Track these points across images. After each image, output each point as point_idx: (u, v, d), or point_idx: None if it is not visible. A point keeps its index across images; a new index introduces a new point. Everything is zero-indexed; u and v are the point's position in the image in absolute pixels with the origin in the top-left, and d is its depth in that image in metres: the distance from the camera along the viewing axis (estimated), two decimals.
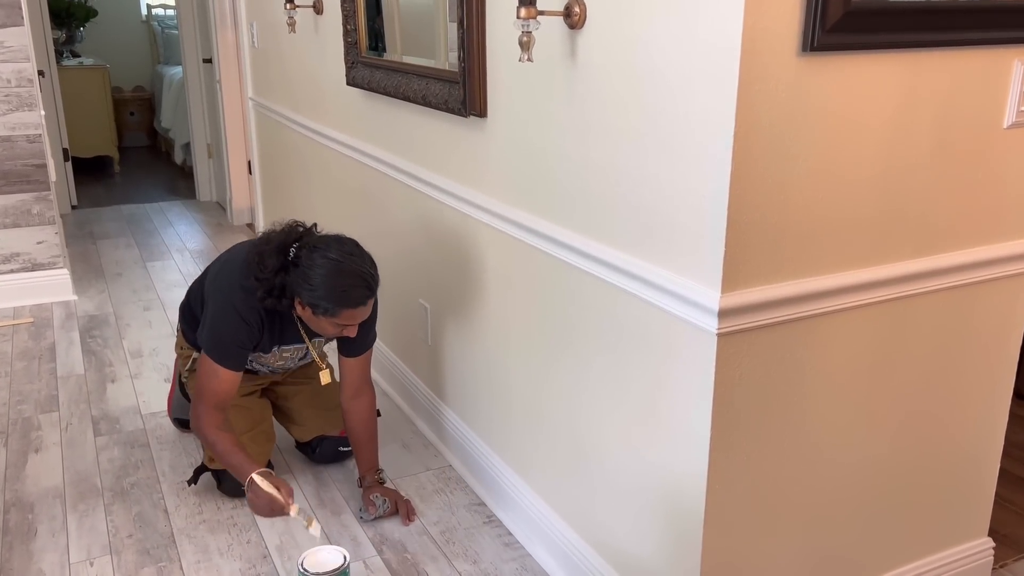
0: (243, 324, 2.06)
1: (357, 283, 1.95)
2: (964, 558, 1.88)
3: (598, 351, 1.74)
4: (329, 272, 1.93)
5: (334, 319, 1.98)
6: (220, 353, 2.07)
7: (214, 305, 2.10)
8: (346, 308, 1.96)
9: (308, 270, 1.94)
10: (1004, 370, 1.78)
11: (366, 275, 1.97)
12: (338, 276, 1.93)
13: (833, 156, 1.41)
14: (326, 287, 1.93)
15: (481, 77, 1.98)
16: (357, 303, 1.96)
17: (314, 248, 1.97)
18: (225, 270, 2.13)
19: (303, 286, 1.95)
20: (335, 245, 1.98)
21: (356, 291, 1.95)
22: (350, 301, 1.95)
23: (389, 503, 2.22)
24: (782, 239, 1.41)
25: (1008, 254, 1.66)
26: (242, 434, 2.27)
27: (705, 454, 1.48)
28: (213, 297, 2.12)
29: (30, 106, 3.62)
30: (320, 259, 1.94)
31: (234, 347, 2.07)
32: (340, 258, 1.95)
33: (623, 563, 1.79)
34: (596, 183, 1.65)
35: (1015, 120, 1.57)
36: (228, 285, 2.08)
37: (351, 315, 1.98)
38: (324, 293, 1.93)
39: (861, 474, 1.67)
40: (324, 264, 1.93)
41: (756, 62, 1.29)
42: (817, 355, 1.52)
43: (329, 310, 1.95)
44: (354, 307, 1.96)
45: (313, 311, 1.97)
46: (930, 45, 1.43)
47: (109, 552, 2.10)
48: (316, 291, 1.93)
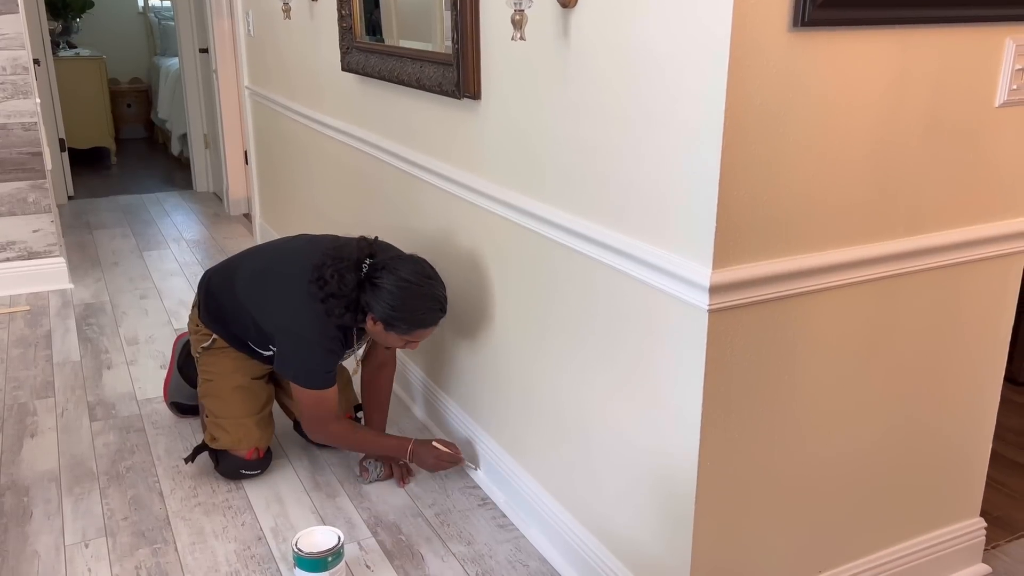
0: (331, 353, 2.12)
1: (434, 307, 2.05)
2: (955, 538, 1.89)
3: (591, 330, 1.74)
4: (407, 294, 2.01)
5: (405, 336, 2.07)
6: (319, 382, 2.12)
7: (296, 342, 2.12)
8: (420, 328, 2.06)
9: (386, 290, 2.01)
10: (995, 349, 1.79)
11: (442, 298, 2.07)
12: (416, 299, 2.02)
13: (824, 133, 1.41)
14: (405, 308, 2.02)
15: (475, 59, 1.98)
16: (430, 324, 2.07)
17: (392, 268, 2.03)
18: (289, 298, 2.12)
19: (380, 305, 2.01)
20: (411, 265, 2.06)
21: (432, 314, 2.05)
22: (424, 322, 2.06)
23: (383, 468, 2.30)
24: (773, 216, 1.41)
25: (999, 233, 1.66)
26: (248, 416, 2.29)
27: (696, 432, 1.49)
28: (290, 334, 2.12)
29: (25, 94, 3.61)
30: (398, 280, 2.01)
31: (326, 374, 2.13)
32: (418, 281, 2.03)
33: (616, 543, 1.79)
34: (589, 162, 1.66)
35: (1007, 98, 1.57)
36: (303, 317, 2.08)
37: (422, 333, 2.09)
38: (402, 315, 2.02)
39: (852, 453, 1.68)
40: (402, 286, 2.01)
41: (747, 37, 1.29)
42: (808, 333, 1.53)
43: (404, 330, 2.05)
44: (426, 328, 2.07)
45: (386, 327, 2.05)
46: (922, 22, 1.43)
47: (104, 534, 2.11)
48: (395, 312, 2.01)
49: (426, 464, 2.22)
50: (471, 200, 2.13)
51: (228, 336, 2.31)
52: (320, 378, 2.12)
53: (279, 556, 2.03)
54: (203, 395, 2.36)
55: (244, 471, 2.31)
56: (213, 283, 2.34)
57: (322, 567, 1.83)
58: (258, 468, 2.33)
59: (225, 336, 2.32)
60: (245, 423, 2.29)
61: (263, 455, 2.33)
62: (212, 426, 2.30)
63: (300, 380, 2.13)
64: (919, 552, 1.84)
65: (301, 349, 2.12)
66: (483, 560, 2.01)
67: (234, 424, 2.28)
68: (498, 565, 1.99)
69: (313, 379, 2.12)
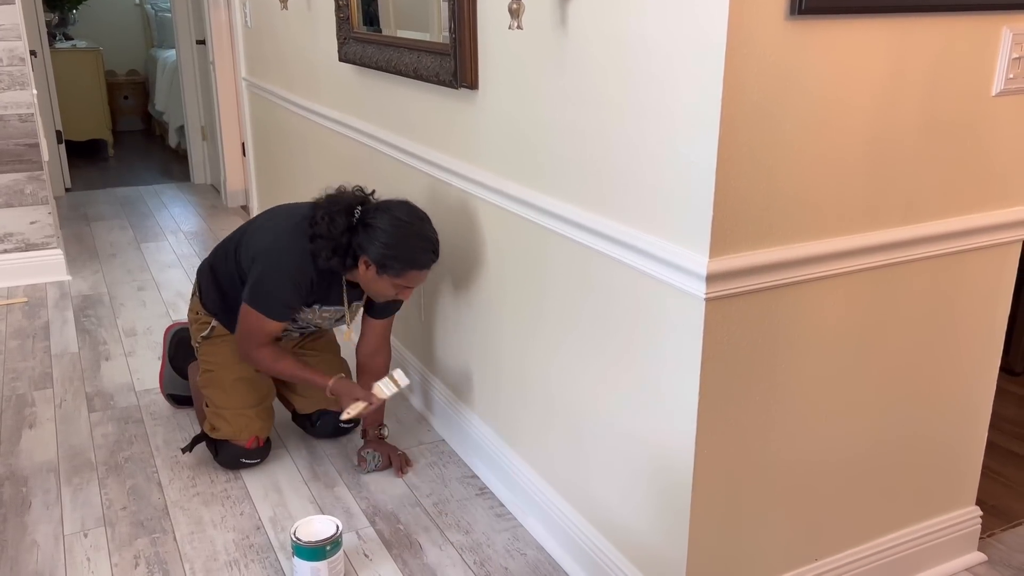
0: (294, 286, 2.11)
1: (427, 247, 2.03)
2: (951, 526, 1.90)
3: (587, 319, 1.75)
4: (401, 233, 2.00)
5: (397, 279, 2.04)
6: (268, 309, 2.12)
7: (266, 266, 2.12)
8: (412, 269, 2.03)
9: (380, 229, 2.00)
10: (991, 338, 1.80)
11: (434, 240, 2.05)
12: (410, 238, 2.01)
13: (821, 121, 1.41)
14: (398, 247, 1.99)
15: (472, 48, 1.97)
16: (423, 266, 2.04)
17: (386, 208, 2.03)
18: (276, 232, 2.15)
19: (374, 244, 2.00)
20: (404, 207, 2.05)
21: (425, 255, 2.03)
22: (418, 263, 2.02)
23: (381, 458, 2.31)
24: (770, 204, 1.42)
25: (995, 222, 1.67)
26: (250, 407, 2.30)
27: (693, 420, 1.49)
28: (265, 258, 2.13)
29: (22, 85, 3.61)
30: (391, 219, 2.00)
31: (281, 305, 2.13)
32: (411, 220, 2.02)
33: (614, 532, 1.80)
34: (587, 152, 1.66)
35: (1003, 87, 1.57)
36: (281, 247, 2.11)
37: (415, 277, 2.05)
38: (396, 253, 1.99)
39: (849, 442, 1.69)
40: (396, 224, 2.00)
41: (743, 25, 1.29)
42: (805, 321, 1.53)
43: (397, 270, 2.01)
44: (420, 269, 2.04)
45: (379, 270, 2.02)
46: (919, 10, 1.43)
47: (103, 524, 2.11)
48: (388, 250, 1.99)
49: (342, 403, 2.19)
50: (468, 189, 2.14)
51: (227, 317, 2.31)
52: (272, 305, 2.11)
53: (278, 545, 2.03)
54: (203, 385, 2.36)
55: (244, 460, 2.32)
56: (214, 259, 2.35)
57: (320, 556, 1.83)
58: (258, 457, 2.34)
59: (224, 319, 2.32)
60: (246, 413, 2.29)
61: (263, 444, 2.34)
62: (212, 416, 2.30)
63: (253, 300, 2.11)
64: (915, 540, 1.85)
65: (269, 273, 2.11)
66: (481, 549, 2.02)
67: (235, 414, 2.28)
68: (496, 554, 2.00)
69: (266, 303, 2.11)
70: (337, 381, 2.19)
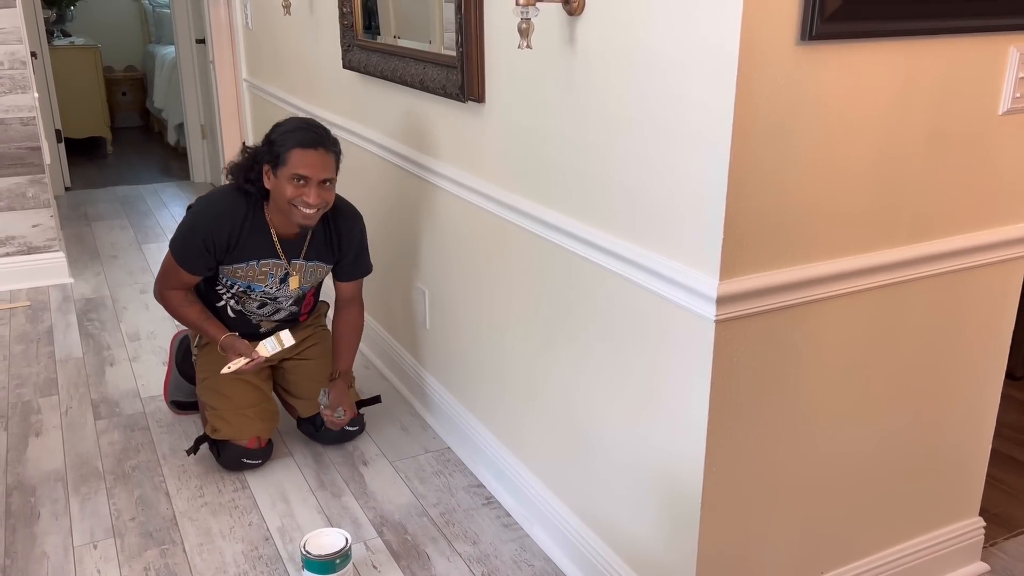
0: (209, 233, 2.22)
1: (305, 127, 2.16)
2: (955, 537, 1.91)
3: (596, 336, 1.76)
4: (284, 125, 2.18)
5: (286, 168, 2.12)
6: (181, 255, 2.25)
7: (190, 215, 2.29)
8: (295, 147, 2.12)
9: (270, 136, 2.18)
10: (996, 353, 1.81)
11: (316, 124, 2.18)
12: (289, 124, 2.18)
13: (830, 144, 1.42)
14: (280, 135, 2.15)
15: (479, 62, 1.98)
16: (306, 144, 2.12)
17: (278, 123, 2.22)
18: (212, 191, 2.37)
19: (265, 148, 2.17)
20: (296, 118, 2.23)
21: (303, 133, 2.14)
22: (298, 140, 2.12)
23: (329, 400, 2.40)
24: (779, 226, 1.43)
25: (1001, 239, 1.68)
26: (249, 407, 2.33)
27: (702, 439, 1.51)
28: (192, 210, 2.30)
29: (23, 88, 3.60)
30: (280, 123, 2.20)
31: (194, 252, 2.24)
32: (295, 118, 2.21)
33: (621, 545, 1.82)
34: (594, 169, 1.66)
35: (1010, 106, 1.58)
36: (208, 199, 2.30)
37: (301, 158, 2.12)
38: (278, 142, 2.14)
39: (855, 456, 1.70)
40: (282, 124, 2.19)
41: (755, 51, 1.29)
42: (813, 341, 1.54)
43: (281, 156, 2.12)
44: (303, 147, 2.12)
45: (272, 168, 2.15)
46: (927, 33, 1.43)
47: (112, 535, 2.12)
48: (272, 144, 2.15)
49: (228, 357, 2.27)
50: (473, 201, 2.14)
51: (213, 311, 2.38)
52: (185, 250, 2.23)
53: (286, 557, 2.05)
54: (201, 392, 2.38)
55: (246, 460, 2.34)
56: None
57: (330, 569, 1.85)
58: (259, 458, 2.36)
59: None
60: (246, 413, 2.32)
61: (264, 445, 2.36)
62: (213, 418, 2.33)
63: (172, 243, 2.27)
64: (919, 552, 1.87)
65: (190, 220, 2.26)
66: (489, 560, 2.03)
67: (235, 415, 2.31)
68: (504, 565, 2.02)
69: (176, 245, 2.25)
70: (227, 337, 2.29)
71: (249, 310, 2.38)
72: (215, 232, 2.21)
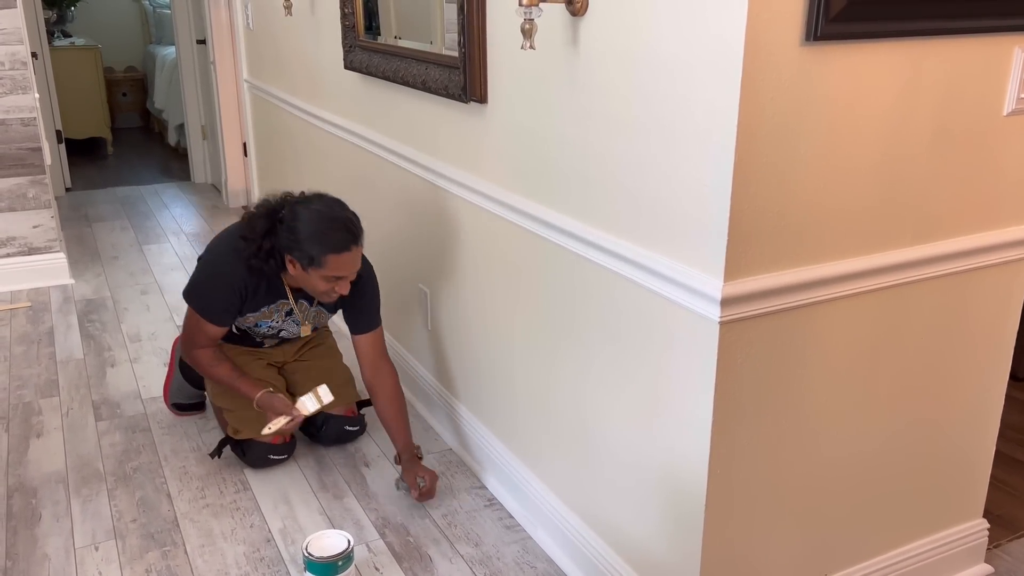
0: (228, 288, 2.16)
1: (338, 227, 2.04)
2: (959, 539, 1.91)
3: (599, 338, 1.75)
4: (311, 220, 2.03)
5: (322, 270, 2.04)
6: (207, 312, 2.20)
7: (203, 266, 2.25)
8: (330, 253, 2.02)
9: (293, 224, 2.04)
10: (1000, 355, 1.80)
11: (347, 220, 2.06)
12: (319, 222, 2.03)
13: (835, 145, 1.41)
14: (310, 235, 2.02)
15: (482, 63, 1.97)
16: (340, 248, 2.03)
17: (297, 203, 2.08)
18: (219, 238, 2.27)
19: (290, 240, 2.04)
20: (317, 199, 2.10)
21: (338, 234, 2.03)
22: (333, 246, 2.02)
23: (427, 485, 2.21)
24: (784, 228, 1.42)
25: (1005, 240, 1.67)
26: None
27: (707, 440, 1.50)
28: (204, 259, 2.27)
29: (24, 89, 3.60)
30: (303, 211, 2.05)
31: (218, 308, 2.19)
32: (321, 208, 2.06)
33: (625, 547, 1.81)
34: (597, 170, 1.66)
35: (1015, 107, 1.57)
36: (219, 250, 2.22)
37: (337, 263, 2.04)
38: (309, 242, 2.02)
39: (859, 458, 1.70)
40: (306, 215, 2.04)
41: (760, 52, 1.29)
42: (817, 342, 1.54)
43: (315, 259, 2.03)
44: (338, 252, 2.03)
45: (302, 265, 2.05)
46: (931, 33, 1.43)
47: (114, 536, 2.12)
48: (302, 242, 2.02)
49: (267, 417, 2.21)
50: (475, 202, 2.14)
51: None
52: (206, 302, 2.18)
53: (288, 558, 2.04)
54: (214, 396, 2.38)
55: (273, 456, 2.35)
56: None
57: (332, 571, 1.84)
58: (285, 453, 2.38)
59: None
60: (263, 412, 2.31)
61: (289, 439, 2.36)
62: (233, 419, 2.33)
63: (191, 298, 2.21)
64: (923, 554, 1.86)
65: (205, 275, 2.22)
66: (491, 562, 2.03)
67: (254, 414, 2.30)
68: (506, 567, 2.01)
69: (200, 303, 2.19)
70: (263, 395, 2.21)
71: (253, 332, 2.37)
72: (234, 290, 2.16)
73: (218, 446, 2.37)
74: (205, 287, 2.21)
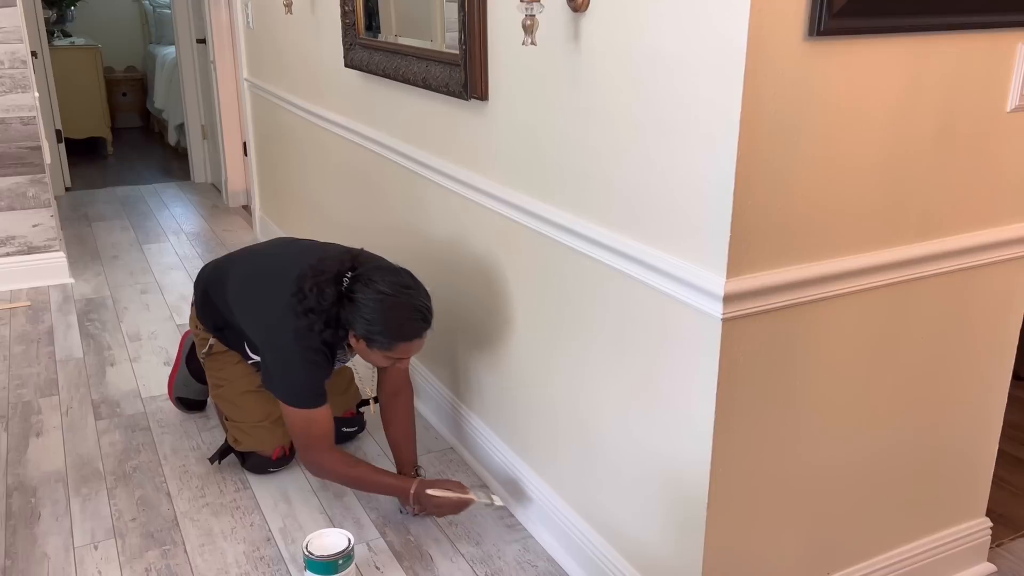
0: (315, 368, 2.01)
1: (413, 316, 1.92)
2: (961, 538, 1.90)
3: (601, 335, 1.75)
4: (384, 307, 1.90)
5: (388, 352, 1.96)
6: (305, 400, 2.01)
7: (279, 356, 2.03)
8: (401, 342, 1.93)
9: (363, 304, 1.90)
10: (1003, 352, 1.80)
11: (422, 308, 1.94)
12: (393, 310, 1.90)
13: (838, 141, 1.41)
14: (382, 322, 1.90)
15: (482, 60, 1.97)
16: (412, 337, 1.94)
17: (368, 281, 1.92)
18: (269, 321, 2.05)
19: (358, 320, 1.91)
20: (389, 277, 1.94)
21: (411, 325, 1.93)
22: (405, 335, 1.93)
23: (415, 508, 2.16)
24: (786, 224, 1.41)
25: (1008, 237, 1.67)
26: (265, 419, 2.31)
27: (709, 438, 1.50)
28: (272, 348, 2.05)
29: (24, 88, 3.59)
30: (374, 293, 1.90)
31: (315, 390, 2.03)
32: (394, 292, 1.91)
33: (625, 544, 1.80)
34: (599, 167, 1.65)
35: (1018, 104, 1.57)
36: (284, 331, 2.00)
37: (406, 348, 1.96)
38: (380, 328, 1.90)
39: (862, 456, 1.69)
40: (378, 299, 1.90)
41: (762, 48, 1.28)
42: (820, 339, 1.53)
43: (384, 344, 1.93)
44: (409, 341, 1.94)
45: (368, 344, 1.95)
46: (935, 29, 1.42)
47: (113, 535, 2.11)
48: (372, 326, 1.90)
49: (427, 508, 2.07)
50: (476, 200, 2.13)
51: (223, 339, 2.31)
52: (306, 396, 2.01)
53: (288, 557, 2.03)
54: (216, 398, 2.38)
55: (271, 468, 2.35)
56: (208, 284, 2.33)
57: (333, 570, 1.83)
58: (285, 464, 2.37)
59: (221, 339, 2.32)
60: (263, 426, 2.31)
61: (289, 452, 2.35)
62: (234, 429, 2.32)
63: (287, 398, 2.03)
64: (926, 553, 1.85)
65: (284, 363, 2.02)
66: (492, 561, 2.02)
67: (252, 427, 2.30)
68: (507, 566, 2.00)
69: (299, 397, 2.01)
70: (421, 484, 2.06)
71: None
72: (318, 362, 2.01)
73: (219, 452, 2.36)
74: (296, 377, 2.02)
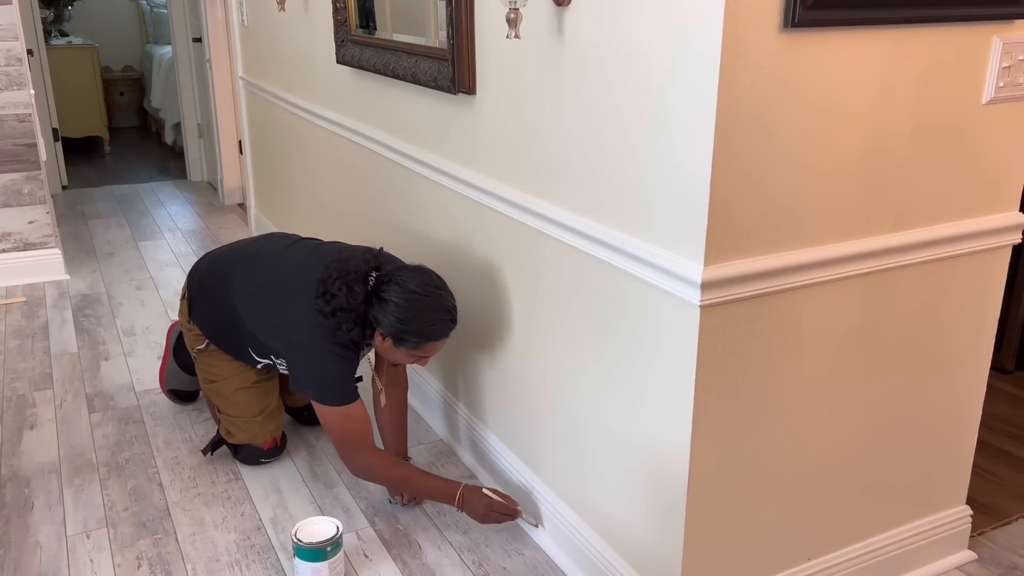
0: (345, 362, 2.02)
1: (444, 317, 1.97)
2: (942, 525, 1.93)
3: (584, 322, 1.77)
4: (416, 307, 1.93)
5: (415, 351, 1.99)
6: (340, 396, 2.02)
7: (306, 356, 2.03)
8: (430, 341, 1.98)
9: (394, 303, 1.93)
10: (981, 342, 1.82)
11: (451, 308, 1.99)
12: (425, 311, 1.94)
13: (814, 131, 1.43)
14: (414, 321, 1.93)
15: (470, 54, 1.99)
16: (441, 336, 1.98)
17: (398, 280, 1.95)
18: (294, 323, 2.04)
19: (389, 319, 1.93)
20: (418, 276, 1.97)
21: (442, 325, 1.97)
22: (435, 335, 1.97)
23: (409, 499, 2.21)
24: (764, 212, 1.44)
25: (985, 228, 1.69)
26: (258, 414, 2.34)
27: (688, 425, 1.52)
28: (299, 349, 2.05)
29: (19, 85, 3.61)
30: (403, 292, 1.93)
31: (347, 386, 2.03)
32: (426, 292, 1.95)
33: (609, 531, 1.83)
34: (583, 158, 1.68)
35: (993, 96, 1.59)
36: (312, 333, 2.00)
37: (432, 347, 2.00)
38: (412, 328, 1.94)
39: (841, 443, 1.71)
40: (410, 298, 1.93)
41: (738, 38, 1.31)
42: (798, 327, 1.56)
43: (414, 343, 1.96)
44: (437, 340, 1.99)
45: (395, 343, 1.97)
46: (911, 21, 1.45)
47: (105, 525, 2.13)
48: (404, 325, 1.93)
49: (476, 513, 2.02)
50: (466, 193, 2.16)
51: (221, 342, 2.30)
52: (339, 392, 2.01)
53: (278, 546, 2.06)
54: (208, 392, 2.40)
55: (263, 460, 2.38)
56: (205, 286, 2.31)
57: (321, 557, 1.86)
58: (276, 455, 2.40)
59: (217, 342, 2.31)
60: (255, 420, 2.34)
61: (280, 443, 2.39)
62: (226, 422, 2.35)
63: (322, 397, 2.01)
64: (906, 539, 1.88)
65: (315, 363, 2.02)
66: (479, 549, 2.04)
67: (245, 422, 2.33)
68: (494, 554, 2.03)
69: (333, 394, 2.01)
70: (467, 488, 2.05)
71: None
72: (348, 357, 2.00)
73: (211, 445, 2.38)
74: (328, 375, 2.01)
